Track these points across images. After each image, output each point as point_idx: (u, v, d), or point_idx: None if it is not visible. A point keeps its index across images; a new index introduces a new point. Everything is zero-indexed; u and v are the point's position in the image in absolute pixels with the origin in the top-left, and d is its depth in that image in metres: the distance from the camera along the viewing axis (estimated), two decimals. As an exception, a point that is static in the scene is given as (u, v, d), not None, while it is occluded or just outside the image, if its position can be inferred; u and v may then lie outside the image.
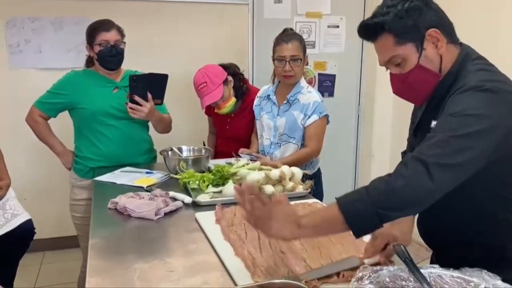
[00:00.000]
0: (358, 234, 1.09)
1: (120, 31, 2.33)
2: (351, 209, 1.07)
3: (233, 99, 2.58)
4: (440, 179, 1.05)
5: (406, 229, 1.31)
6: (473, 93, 1.12)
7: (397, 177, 1.08)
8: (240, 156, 2.31)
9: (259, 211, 1.12)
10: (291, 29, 2.40)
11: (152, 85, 2.25)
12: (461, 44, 1.29)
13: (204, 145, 2.75)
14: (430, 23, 1.21)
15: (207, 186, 1.97)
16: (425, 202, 1.08)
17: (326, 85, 3.76)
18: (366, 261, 1.21)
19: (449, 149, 1.06)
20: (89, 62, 2.43)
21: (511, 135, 1.12)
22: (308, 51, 2.42)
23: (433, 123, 1.21)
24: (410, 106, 1.46)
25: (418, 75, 1.24)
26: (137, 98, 2.22)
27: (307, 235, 1.16)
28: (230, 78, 2.56)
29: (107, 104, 2.32)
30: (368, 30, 1.27)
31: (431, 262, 1.42)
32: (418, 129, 1.36)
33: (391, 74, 1.29)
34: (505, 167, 1.19)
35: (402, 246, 1.08)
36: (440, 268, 1.03)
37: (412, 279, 1.01)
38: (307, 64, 2.42)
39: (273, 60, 2.33)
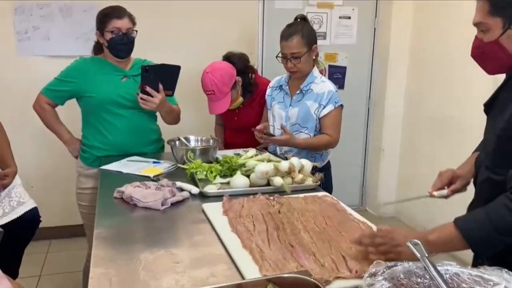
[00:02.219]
0: (483, 256, 1.20)
1: (131, 19, 2.29)
2: (476, 238, 1.13)
3: (240, 99, 2.56)
4: None
5: (468, 169, 1.48)
6: None
7: None
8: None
9: (383, 247, 1.18)
10: (302, 18, 2.33)
11: (164, 76, 2.21)
12: None
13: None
14: None
15: (215, 177, 1.93)
16: None
17: (336, 77, 3.71)
18: (435, 193, 1.48)
19: None
20: (97, 49, 2.39)
21: None
22: (319, 42, 2.37)
23: None
24: (422, 100, 1.45)
25: (493, 49, 1.26)
26: (148, 89, 2.18)
27: (434, 250, 1.16)
28: (238, 78, 2.52)
29: (115, 93, 2.29)
30: None
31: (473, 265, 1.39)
32: (491, 107, 1.37)
33: (476, 36, 1.31)
34: None
35: (419, 243, 1.04)
36: (458, 266, 0.99)
37: (427, 276, 0.97)
38: (317, 55, 2.37)
39: (276, 57, 2.30)
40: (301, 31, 2.23)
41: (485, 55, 1.30)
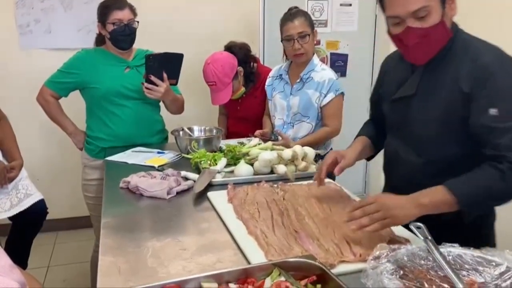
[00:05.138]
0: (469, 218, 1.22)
1: (132, 10, 2.29)
2: (469, 202, 1.19)
3: (242, 89, 2.58)
4: None
5: (354, 155, 1.60)
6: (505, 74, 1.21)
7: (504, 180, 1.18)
8: (255, 137, 2.29)
9: (377, 214, 1.18)
10: (296, 7, 2.35)
11: (167, 65, 2.22)
12: None
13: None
14: None
15: (215, 161, 1.94)
16: None
17: (338, 64, 3.70)
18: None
19: None
20: (99, 40, 2.40)
21: None
22: (320, 30, 2.38)
23: (492, 111, 1.21)
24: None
25: (440, 31, 1.25)
26: (153, 78, 2.19)
27: (423, 213, 1.20)
28: (240, 69, 2.53)
29: (119, 84, 2.30)
30: None
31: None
32: (417, 93, 1.37)
33: (409, 28, 1.25)
34: None
35: (422, 226, 1.06)
36: (460, 248, 1.01)
37: (430, 258, 0.99)
38: (318, 43, 2.37)
39: (282, 41, 2.30)
40: (303, 14, 2.27)
41: (432, 41, 1.27)
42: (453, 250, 1.01)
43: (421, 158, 1.39)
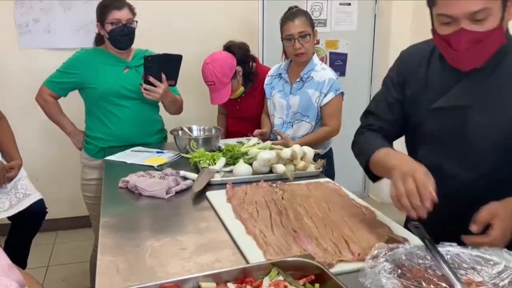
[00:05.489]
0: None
1: (131, 9, 2.30)
2: None
3: (241, 89, 2.58)
4: None
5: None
6: None
7: None
8: (254, 136, 2.29)
9: (499, 240, 1.07)
10: (296, 6, 2.36)
11: (166, 66, 2.22)
12: None
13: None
14: None
15: (214, 160, 1.94)
16: None
17: (337, 64, 3.70)
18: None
19: None
20: (98, 40, 2.40)
21: None
22: (320, 29, 2.38)
23: None
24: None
25: (496, 37, 1.13)
26: (151, 79, 2.19)
27: None
28: (239, 68, 2.53)
29: (118, 84, 2.30)
30: None
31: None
32: (475, 103, 1.24)
33: (463, 31, 1.12)
34: None
35: (420, 225, 1.06)
36: (458, 247, 1.01)
37: (428, 257, 0.99)
38: (317, 43, 2.38)
39: (282, 40, 2.30)
40: (304, 13, 2.28)
41: (487, 47, 1.14)
42: (451, 249, 1.01)
43: (472, 172, 1.26)
